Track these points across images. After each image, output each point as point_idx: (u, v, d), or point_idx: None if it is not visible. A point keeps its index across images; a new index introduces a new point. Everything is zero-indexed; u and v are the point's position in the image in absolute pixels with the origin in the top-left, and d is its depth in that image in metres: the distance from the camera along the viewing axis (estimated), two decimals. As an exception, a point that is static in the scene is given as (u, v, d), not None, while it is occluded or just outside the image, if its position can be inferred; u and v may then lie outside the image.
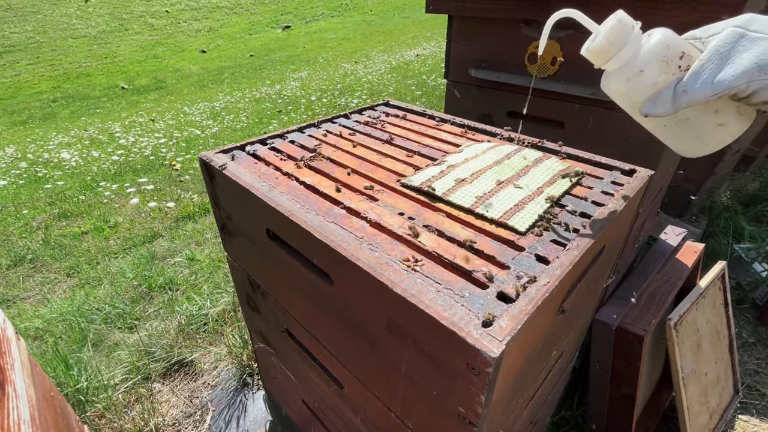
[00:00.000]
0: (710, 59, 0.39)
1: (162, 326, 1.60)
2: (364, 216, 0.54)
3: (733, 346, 1.25)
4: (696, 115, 0.44)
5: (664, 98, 0.42)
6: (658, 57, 0.42)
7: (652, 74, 0.42)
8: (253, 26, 18.37)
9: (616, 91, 0.46)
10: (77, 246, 2.45)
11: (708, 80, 0.39)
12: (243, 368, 1.39)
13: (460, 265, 0.45)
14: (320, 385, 0.75)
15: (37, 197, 3.42)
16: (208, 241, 2.28)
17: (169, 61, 14.20)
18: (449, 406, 0.43)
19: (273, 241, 0.62)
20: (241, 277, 0.85)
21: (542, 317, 0.44)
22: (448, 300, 0.40)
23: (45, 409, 0.61)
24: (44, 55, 14.77)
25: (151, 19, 18.38)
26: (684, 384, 1.03)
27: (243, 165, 0.69)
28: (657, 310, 1.05)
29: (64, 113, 9.43)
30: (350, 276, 0.48)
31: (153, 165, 3.98)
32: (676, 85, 0.42)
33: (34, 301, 1.98)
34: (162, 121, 6.18)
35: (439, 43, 10.23)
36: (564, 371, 0.90)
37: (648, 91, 0.43)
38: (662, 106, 0.42)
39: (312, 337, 0.67)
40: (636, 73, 0.43)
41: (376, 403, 0.58)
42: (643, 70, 0.43)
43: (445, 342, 0.39)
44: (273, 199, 0.58)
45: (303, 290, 0.61)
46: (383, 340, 0.49)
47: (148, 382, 1.40)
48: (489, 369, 0.35)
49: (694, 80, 0.40)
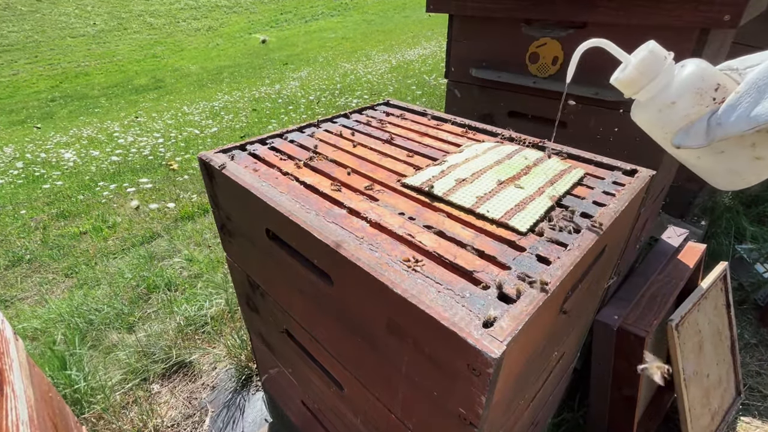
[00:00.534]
0: (747, 92, 0.38)
1: (161, 327, 1.60)
2: (365, 216, 0.54)
3: (735, 347, 1.25)
4: (732, 148, 0.43)
5: (698, 130, 0.41)
6: (692, 89, 0.41)
7: (684, 106, 0.42)
8: (252, 25, 18.38)
9: (647, 121, 0.45)
10: (75, 246, 2.45)
11: (744, 114, 0.38)
12: (242, 369, 1.39)
13: (460, 266, 0.45)
14: (320, 386, 0.75)
15: (35, 197, 3.42)
16: (207, 242, 2.28)
17: (168, 61, 14.20)
18: (450, 407, 0.43)
19: (273, 242, 0.62)
20: (240, 278, 0.85)
21: (543, 318, 0.44)
22: (449, 300, 0.40)
23: (43, 409, 0.61)
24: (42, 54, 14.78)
25: (150, 18, 18.38)
26: (685, 385, 1.03)
27: (242, 165, 0.69)
28: (658, 311, 1.05)
29: (63, 113, 9.42)
30: (350, 276, 0.48)
31: (152, 165, 3.98)
32: (710, 117, 0.41)
33: (32, 301, 1.98)
34: (161, 121, 6.18)
35: (439, 42, 10.23)
36: (565, 372, 0.90)
37: (681, 122, 0.42)
38: (695, 138, 0.41)
39: (312, 337, 0.67)
40: (668, 105, 0.42)
41: (377, 404, 0.58)
42: (676, 102, 0.42)
43: (445, 342, 0.39)
44: (273, 199, 0.58)
45: (303, 291, 0.61)
46: (383, 341, 0.49)
47: (147, 383, 1.40)
48: (490, 370, 0.35)
49: (730, 113, 0.39)
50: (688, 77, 0.41)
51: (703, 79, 0.41)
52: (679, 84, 0.42)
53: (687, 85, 0.41)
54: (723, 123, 0.39)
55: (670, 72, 0.42)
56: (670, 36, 0.77)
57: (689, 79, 0.41)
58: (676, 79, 0.42)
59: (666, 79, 0.42)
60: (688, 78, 0.41)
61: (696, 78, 0.41)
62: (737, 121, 0.39)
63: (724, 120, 0.39)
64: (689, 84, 0.41)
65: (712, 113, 0.41)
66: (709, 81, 0.41)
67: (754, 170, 0.43)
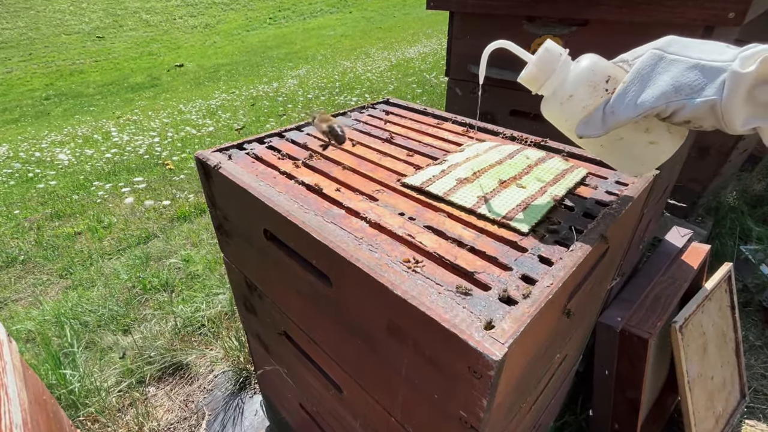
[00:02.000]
0: (632, 81, 0.42)
1: (157, 328, 1.60)
2: (364, 216, 0.54)
3: (740, 349, 1.25)
4: (629, 134, 0.47)
5: (595, 120, 0.45)
6: (585, 82, 0.45)
7: (581, 98, 0.45)
8: (250, 22, 18.38)
9: (553, 115, 0.49)
10: (70, 247, 2.44)
11: (631, 102, 0.42)
12: (239, 371, 1.39)
13: (461, 267, 0.45)
14: (318, 389, 0.75)
15: (29, 197, 3.42)
16: (204, 242, 2.27)
17: (165, 58, 14.19)
18: (450, 410, 0.43)
19: (271, 242, 0.62)
20: (237, 279, 0.85)
21: (545, 319, 0.44)
22: (450, 302, 0.40)
23: (37, 413, 0.61)
24: (37, 51, 14.77)
25: (146, 15, 18.37)
26: (690, 388, 1.03)
27: (240, 164, 0.69)
28: (662, 313, 1.05)
29: (57, 111, 9.42)
30: (350, 277, 0.48)
31: (148, 164, 3.98)
32: (604, 107, 0.44)
33: (26, 302, 1.98)
34: (157, 120, 6.18)
35: (440, 40, 10.23)
36: (567, 375, 0.90)
37: (580, 114, 0.46)
38: (593, 127, 0.45)
39: (310, 339, 0.67)
40: (567, 98, 0.46)
41: (376, 407, 0.58)
42: (573, 94, 0.46)
43: (446, 344, 0.39)
44: (271, 198, 0.58)
45: (301, 292, 0.61)
46: (383, 343, 0.49)
47: (143, 385, 1.40)
48: (491, 372, 0.35)
49: (620, 102, 0.43)
50: (581, 71, 0.45)
51: (595, 72, 0.45)
52: (574, 78, 0.45)
53: (581, 79, 0.45)
54: (615, 111, 0.43)
55: (566, 68, 0.46)
56: (673, 33, 0.77)
57: (582, 73, 0.45)
58: (571, 74, 0.46)
59: (562, 74, 0.46)
60: (581, 72, 0.45)
61: (588, 71, 0.45)
62: (626, 109, 0.42)
63: (616, 108, 0.43)
64: (583, 77, 0.45)
65: (606, 103, 0.44)
66: (600, 74, 0.45)
67: (651, 155, 0.48)
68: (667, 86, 0.40)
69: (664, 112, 0.41)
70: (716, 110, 0.38)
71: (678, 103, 0.40)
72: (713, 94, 0.38)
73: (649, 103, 0.41)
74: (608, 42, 0.85)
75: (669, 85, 0.40)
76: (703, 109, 0.39)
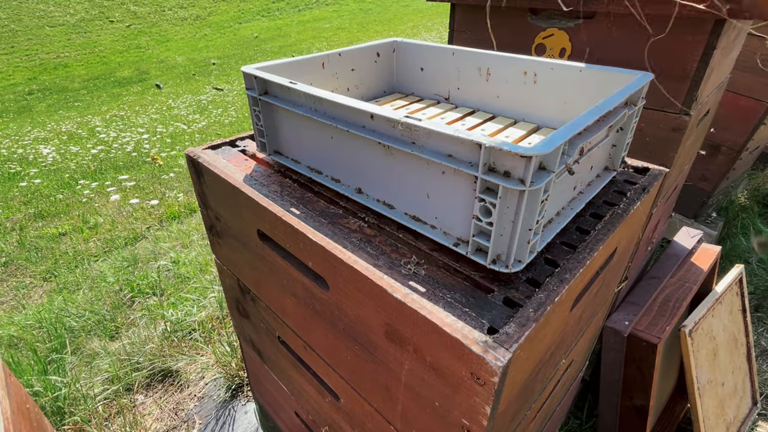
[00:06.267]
0: None
1: (145, 333, 1.59)
2: (362, 216, 0.54)
3: (751, 354, 1.25)
4: None
5: None
6: None
7: None
8: (242, 14, 18.35)
9: None
10: (54, 248, 2.43)
11: None
12: (232, 378, 1.39)
13: (463, 269, 0.45)
14: (314, 397, 0.75)
15: (11, 196, 3.40)
16: (195, 243, 2.27)
17: (153, 52, 14.16)
18: (452, 418, 0.43)
19: (264, 243, 0.62)
20: (230, 281, 0.84)
21: (551, 324, 0.44)
22: (452, 306, 0.40)
23: (20, 422, 0.61)
24: (19, 44, 14.71)
25: (133, 6, 18.32)
26: (700, 395, 1.04)
27: (233, 162, 0.69)
28: (671, 317, 1.06)
29: (41, 106, 9.39)
30: (347, 280, 0.48)
31: (135, 162, 3.97)
32: None
33: (8, 306, 1.97)
34: (145, 115, 6.17)
35: (440, 33, 10.24)
36: (573, 381, 0.90)
37: None
38: None
39: (305, 345, 0.67)
40: None
41: (375, 415, 0.58)
42: None
43: (448, 350, 0.39)
44: (264, 197, 0.58)
45: (296, 295, 0.61)
46: (382, 349, 0.48)
47: (131, 393, 1.40)
48: (495, 379, 0.35)
49: None
50: None
51: None
52: None
53: None
54: None
55: None
56: (683, 27, 0.77)
57: None
58: None
59: None
60: None
61: None
62: None
63: None
64: None
65: None
66: None
67: None
68: None
69: None
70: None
71: None
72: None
73: None
74: (616, 37, 0.85)
75: None
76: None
